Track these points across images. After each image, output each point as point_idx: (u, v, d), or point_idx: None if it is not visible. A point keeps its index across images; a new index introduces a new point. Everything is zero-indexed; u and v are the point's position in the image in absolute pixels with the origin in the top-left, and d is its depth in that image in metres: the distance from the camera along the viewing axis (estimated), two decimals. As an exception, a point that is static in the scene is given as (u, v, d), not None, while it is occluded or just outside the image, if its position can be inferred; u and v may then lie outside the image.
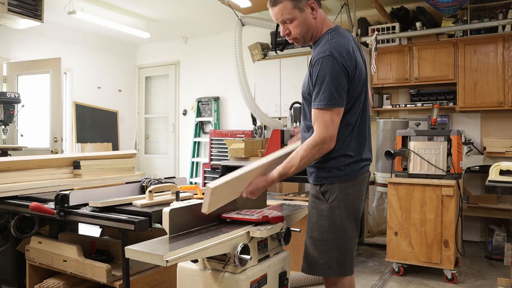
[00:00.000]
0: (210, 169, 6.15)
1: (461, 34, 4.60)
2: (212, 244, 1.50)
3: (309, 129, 1.84)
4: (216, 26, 6.28)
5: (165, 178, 2.53)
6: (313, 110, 1.74)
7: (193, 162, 6.91)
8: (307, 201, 2.40)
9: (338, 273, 1.81)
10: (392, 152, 3.70)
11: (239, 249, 1.58)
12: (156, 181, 2.42)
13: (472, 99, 4.50)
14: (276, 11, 1.81)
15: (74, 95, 6.41)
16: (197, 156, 6.92)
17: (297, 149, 1.75)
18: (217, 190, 1.61)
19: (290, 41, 1.90)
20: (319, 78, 1.71)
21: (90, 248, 2.39)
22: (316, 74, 1.72)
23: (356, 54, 1.82)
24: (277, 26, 1.94)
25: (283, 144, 3.68)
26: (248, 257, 1.61)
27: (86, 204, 2.11)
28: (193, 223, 1.70)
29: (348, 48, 1.76)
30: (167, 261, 1.32)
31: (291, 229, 1.91)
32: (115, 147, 6.76)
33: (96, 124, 6.65)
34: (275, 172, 1.78)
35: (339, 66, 1.70)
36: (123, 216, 1.92)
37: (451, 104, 4.70)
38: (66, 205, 2.07)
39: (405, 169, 3.75)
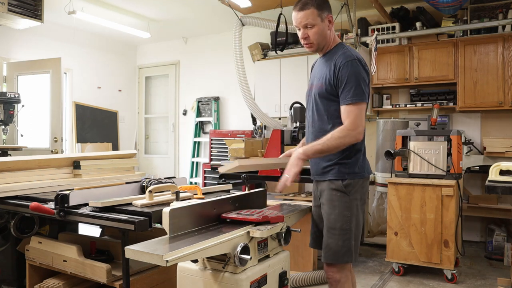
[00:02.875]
0: (210, 169, 6.14)
1: (461, 34, 4.60)
2: (212, 244, 1.50)
3: (323, 123, 2.05)
4: (216, 26, 6.29)
5: (165, 178, 2.52)
6: (345, 106, 1.95)
7: (193, 162, 6.91)
8: (307, 201, 2.42)
9: (354, 259, 2.03)
10: (392, 152, 3.70)
11: (239, 249, 1.58)
12: (156, 181, 2.42)
13: (472, 99, 4.51)
14: (302, 15, 2.01)
15: (74, 95, 6.42)
16: (197, 156, 6.93)
17: (331, 132, 1.94)
18: (242, 167, 1.95)
19: (305, 46, 2.09)
20: (350, 77, 1.94)
21: (90, 248, 2.39)
22: (347, 75, 1.94)
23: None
24: (277, 26, 2.07)
25: (283, 144, 3.68)
26: (248, 257, 1.61)
27: (86, 204, 2.10)
28: (193, 223, 1.70)
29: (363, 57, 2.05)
30: (167, 261, 1.32)
31: (291, 229, 1.91)
32: (115, 147, 6.76)
33: (96, 124, 6.65)
34: (305, 147, 1.96)
35: (364, 68, 1.98)
36: (123, 216, 1.91)
37: (451, 104, 4.70)
38: (66, 205, 2.07)
39: (405, 169, 3.75)
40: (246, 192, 2.15)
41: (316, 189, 2.15)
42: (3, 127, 4.88)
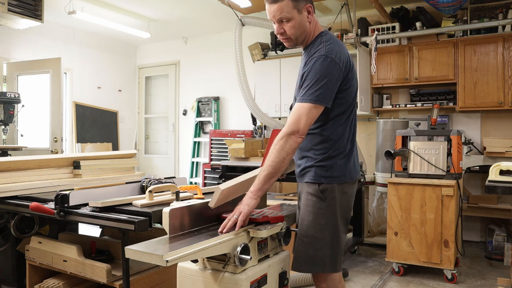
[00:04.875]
0: (210, 169, 6.15)
1: (461, 34, 4.60)
2: (212, 244, 1.50)
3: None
4: (216, 26, 6.29)
5: (165, 178, 2.53)
6: (296, 103, 1.77)
7: (193, 162, 6.91)
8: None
9: (330, 269, 1.88)
10: (392, 152, 3.70)
11: (239, 249, 1.58)
12: (156, 181, 2.42)
13: (472, 99, 4.50)
14: (275, 9, 1.80)
15: (74, 95, 6.42)
16: (197, 156, 6.93)
17: (271, 148, 1.77)
18: (226, 191, 1.73)
19: (282, 41, 1.91)
20: (311, 74, 1.75)
21: (90, 248, 2.39)
22: (308, 71, 1.77)
23: (350, 58, 1.88)
24: None
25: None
26: (248, 257, 1.61)
27: (86, 204, 2.11)
28: (193, 223, 1.70)
29: (341, 51, 1.82)
30: (167, 261, 1.32)
31: (291, 229, 1.91)
32: (115, 147, 6.76)
33: (96, 124, 6.65)
34: (256, 179, 1.76)
35: (333, 67, 1.75)
36: (123, 216, 1.91)
37: (451, 104, 4.70)
38: (66, 205, 2.07)
39: (405, 169, 3.75)
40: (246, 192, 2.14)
41: (297, 190, 2.01)
42: (3, 127, 4.89)
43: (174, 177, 2.72)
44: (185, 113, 7.12)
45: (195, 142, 6.89)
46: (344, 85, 1.82)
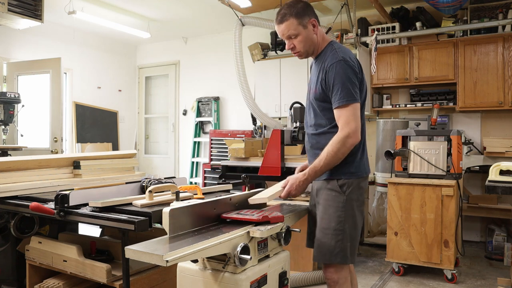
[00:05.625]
0: (210, 169, 6.15)
1: (461, 34, 4.60)
2: (212, 244, 1.50)
3: (320, 126, 2.05)
4: (216, 26, 6.29)
5: (165, 178, 2.52)
6: (335, 110, 1.95)
7: (193, 162, 6.91)
8: (307, 201, 2.41)
9: (350, 260, 1.99)
10: (392, 152, 3.70)
11: (239, 249, 1.58)
12: (156, 181, 2.42)
13: (472, 99, 4.51)
14: (283, 28, 2.02)
15: (74, 95, 6.42)
16: (197, 156, 6.93)
17: (327, 148, 1.94)
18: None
19: (294, 55, 2.11)
20: (336, 79, 1.93)
21: (90, 248, 2.39)
22: (333, 77, 1.94)
23: (359, 63, 2.06)
24: None
25: (283, 144, 3.68)
26: (248, 257, 1.61)
27: (86, 204, 2.10)
28: (193, 223, 1.69)
29: (353, 56, 2.02)
30: (167, 261, 1.32)
31: (291, 229, 1.91)
32: (115, 147, 6.76)
33: (96, 124, 6.65)
34: (307, 169, 1.98)
35: (351, 68, 1.95)
36: (123, 216, 1.91)
37: (451, 104, 4.70)
38: (66, 205, 2.07)
39: (405, 169, 3.75)
40: (246, 192, 2.15)
41: (313, 188, 2.15)
42: (3, 127, 4.89)
43: (174, 177, 2.72)
44: (185, 113, 7.12)
45: (195, 142, 6.90)
46: (359, 87, 1.99)
